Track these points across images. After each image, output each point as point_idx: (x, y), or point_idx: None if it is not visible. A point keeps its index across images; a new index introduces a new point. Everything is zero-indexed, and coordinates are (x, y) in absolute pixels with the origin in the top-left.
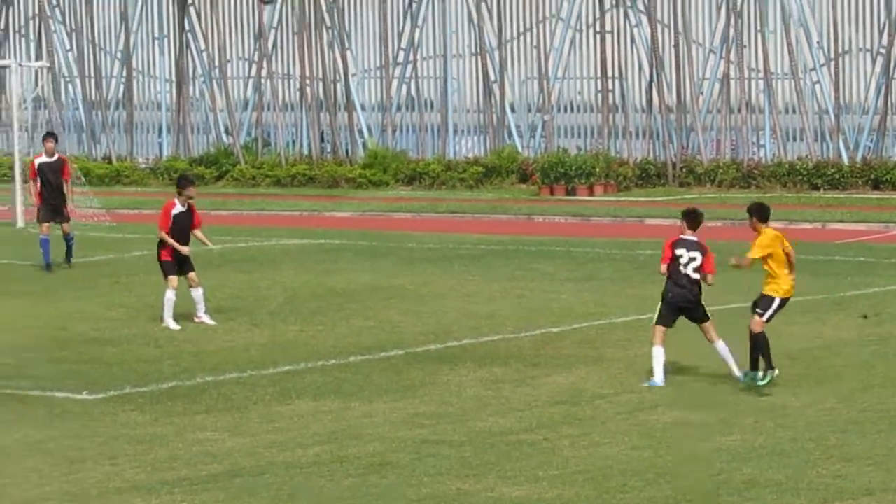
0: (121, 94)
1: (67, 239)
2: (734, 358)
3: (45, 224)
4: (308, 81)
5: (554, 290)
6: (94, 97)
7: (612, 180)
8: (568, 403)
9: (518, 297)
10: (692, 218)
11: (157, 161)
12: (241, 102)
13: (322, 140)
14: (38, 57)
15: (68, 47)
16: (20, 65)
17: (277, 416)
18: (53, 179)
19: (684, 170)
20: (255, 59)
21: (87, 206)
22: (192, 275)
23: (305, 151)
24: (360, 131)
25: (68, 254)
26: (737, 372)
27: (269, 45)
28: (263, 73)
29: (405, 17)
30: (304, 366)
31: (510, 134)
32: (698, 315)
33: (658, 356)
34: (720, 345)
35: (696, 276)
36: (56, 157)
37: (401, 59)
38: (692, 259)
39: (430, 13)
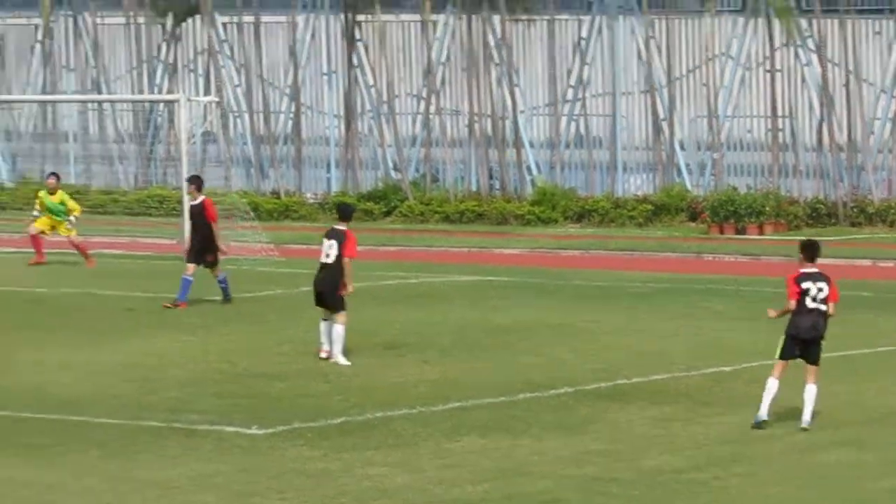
0: (289, 130)
1: (219, 282)
2: (814, 408)
3: (190, 265)
4: (476, 118)
5: (724, 328)
6: (262, 132)
7: (783, 219)
8: (738, 442)
9: (688, 335)
10: (811, 250)
11: (325, 196)
12: (410, 138)
13: (491, 177)
14: (207, 92)
15: (237, 82)
16: (189, 99)
17: (447, 452)
18: (197, 222)
19: (855, 209)
20: (424, 95)
21: (255, 240)
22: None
23: (474, 188)
24: (529, 168)
25: (225, 295)
26: (807, 419)
27: (438, 81)
28: (432, 109)
29: (574, 54)
30: (474, 402)
31: (679, 172)
32: (814, 354)
33: (771, 388)
34: (812, 388)
35: (824, 307)
36: (199, 199)
37: (569, 96)
38: (820, 290)
39: (598, 50)
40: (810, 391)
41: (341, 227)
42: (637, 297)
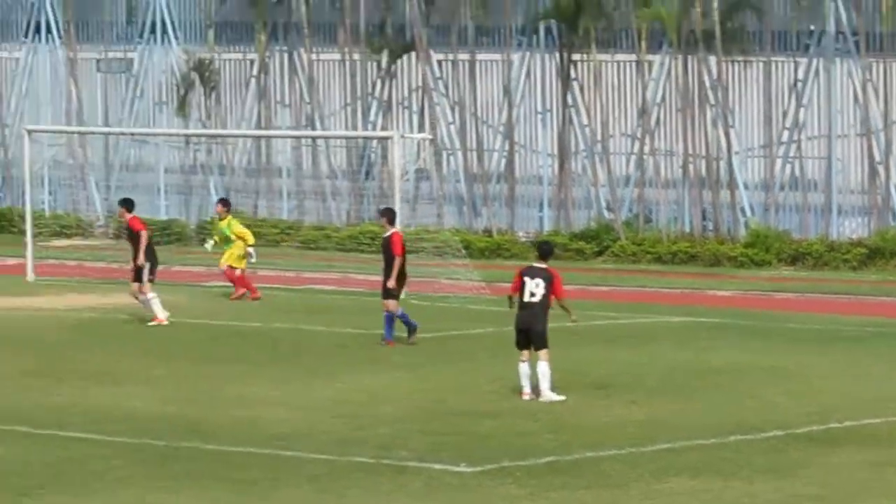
0: (502, 168)
1: (399, 318)
2: None
3: (384, 301)
4: (691, 158)
5: None
6: (475, 170)
7: None
8: None
9: None
10: None
11: (537, 235)
12: (623, 178)
13: (704, 218)
14: (421, 129)
15: (451, 120)
16: (403, 136)
17: (656, 493)
18: (386, 255)
19: None
20: (638, 135)
21: (466, 278)
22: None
23: (687, 229)
24: (742, 210)
25: (409, 328)
26: None
27: (653, 121)
28: (646, 149)
29: (790, 96)
30: (683, 444)
31: (895, 216)
32: None
33: None
34: None
35: None
36: (389, 232)
37: (785, 138)
38: None
39: (815, 92)
40: None
41: (542, 265)
42: (852, 340)
